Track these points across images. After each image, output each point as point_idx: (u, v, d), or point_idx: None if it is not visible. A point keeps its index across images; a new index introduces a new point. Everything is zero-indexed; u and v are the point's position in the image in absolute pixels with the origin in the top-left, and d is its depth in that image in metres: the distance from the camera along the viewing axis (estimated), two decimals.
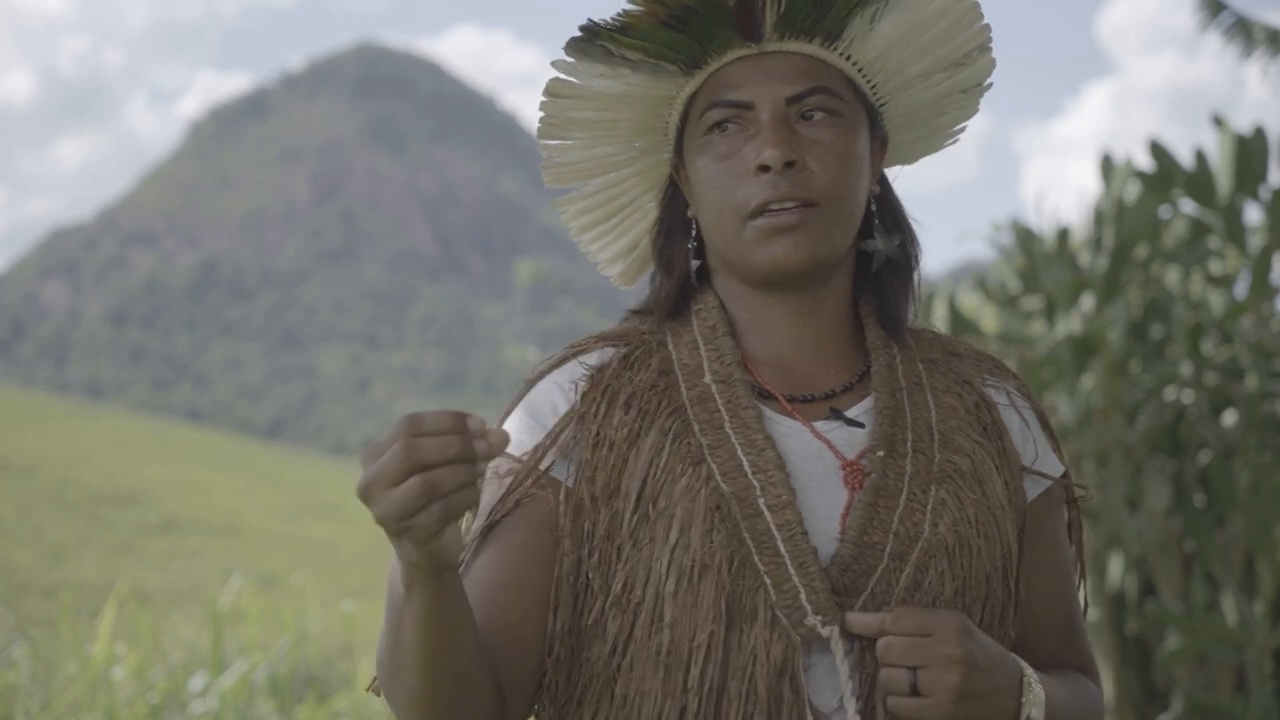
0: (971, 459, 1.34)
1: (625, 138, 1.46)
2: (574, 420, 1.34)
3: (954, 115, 1.47)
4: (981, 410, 1.39)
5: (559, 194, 1.52)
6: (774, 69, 1.36)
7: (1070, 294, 4.26)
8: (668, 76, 1.40)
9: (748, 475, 1.30)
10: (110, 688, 5.05)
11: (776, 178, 1.33)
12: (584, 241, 1.54)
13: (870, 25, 1.37)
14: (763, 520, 1.28)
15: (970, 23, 1.40)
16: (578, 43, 1.38)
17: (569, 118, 1.44)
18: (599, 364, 1.38)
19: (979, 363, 1.44)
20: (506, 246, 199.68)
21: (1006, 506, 1.34)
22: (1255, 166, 4.20)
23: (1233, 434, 4.04)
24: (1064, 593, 1.42)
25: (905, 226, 1.45)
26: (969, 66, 1.42)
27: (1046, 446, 1.43)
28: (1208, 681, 4.00)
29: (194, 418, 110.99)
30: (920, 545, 1.29)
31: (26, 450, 14.93)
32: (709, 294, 1.42)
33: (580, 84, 1.41)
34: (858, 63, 1.39)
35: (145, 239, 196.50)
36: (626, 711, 1.28)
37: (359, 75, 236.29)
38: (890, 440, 1.33)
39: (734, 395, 1.34)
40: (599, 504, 1.30)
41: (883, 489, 1.31)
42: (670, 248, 1.44)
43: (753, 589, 1.26)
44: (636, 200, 1.50)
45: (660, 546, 1.27)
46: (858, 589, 1.27)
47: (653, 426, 1.33)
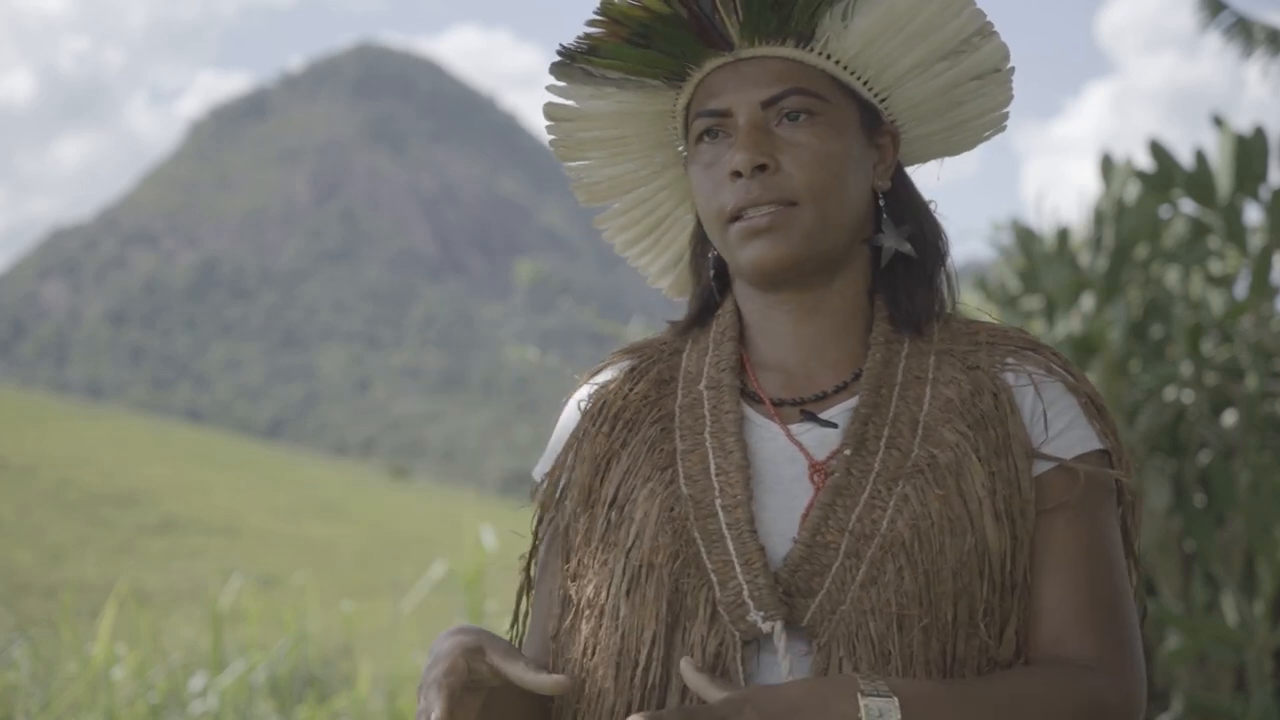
0: (954, 451, 1.31)
1: (642, 153, 1.48)
2: (576, 443, 1.40)
3: (977, 104, 1.45)
4: (982, 398, 1.34)
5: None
6: (749, 75, 1.36)
7: (1070, 294, 4.26)
8: (656, 91, 1.42)
9: (711, 478, 1.32)
10: (110, 688, 5.05)
11: (749, 182, 1.34)
12: (631, 256, 1.57)
13: (844, 23, 1.36)
14: (716, 520, 1.30)
15: (957, 10, 1.38)
16: (560, 67, 1.41)
17: (578, 139, 1.47)
18: (608, 379, 1.43)
19: (998, 346, 1.39)
20: (506, 246, 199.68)
21: (986, 499, 1.29)
22: (1255, 166, 4.20)
23: (1233, 434, 4.04)
24: (1079, 576, 1.31)
25: (925, 220, 1.44)
26: (972, 54, 1.41)
27: (1074, 423, 1.35)
28: (1208, 681, 4.00)
29: (194, 418, 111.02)
30: (876, 542, 1.28)
31: (26, 450, 14.93)
32: (728, 300, 1.44)
33: (576, 106, 1.44)
34: (840, 60, 1.38)
35: (145, 239, 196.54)
36: (589, 711, 1.32)
37: (359, 75, 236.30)
38: (860, 438, 1.32)
39: (720, 400, 1.37)
40: (579, 514, 1.36)
41: (843, 488, 1.30)
42: (699, 257, 1.47)
43: (697, 587, 1.28)
44: (673, 213, 1.53)
45: (620, 550, 1.32)
46: (812, 589, 1.27)
47: (635, 436, 1.37)
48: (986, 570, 1.29)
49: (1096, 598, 1.31)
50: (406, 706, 5.55)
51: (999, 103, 1.45)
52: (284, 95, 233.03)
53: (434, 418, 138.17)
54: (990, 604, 1.29)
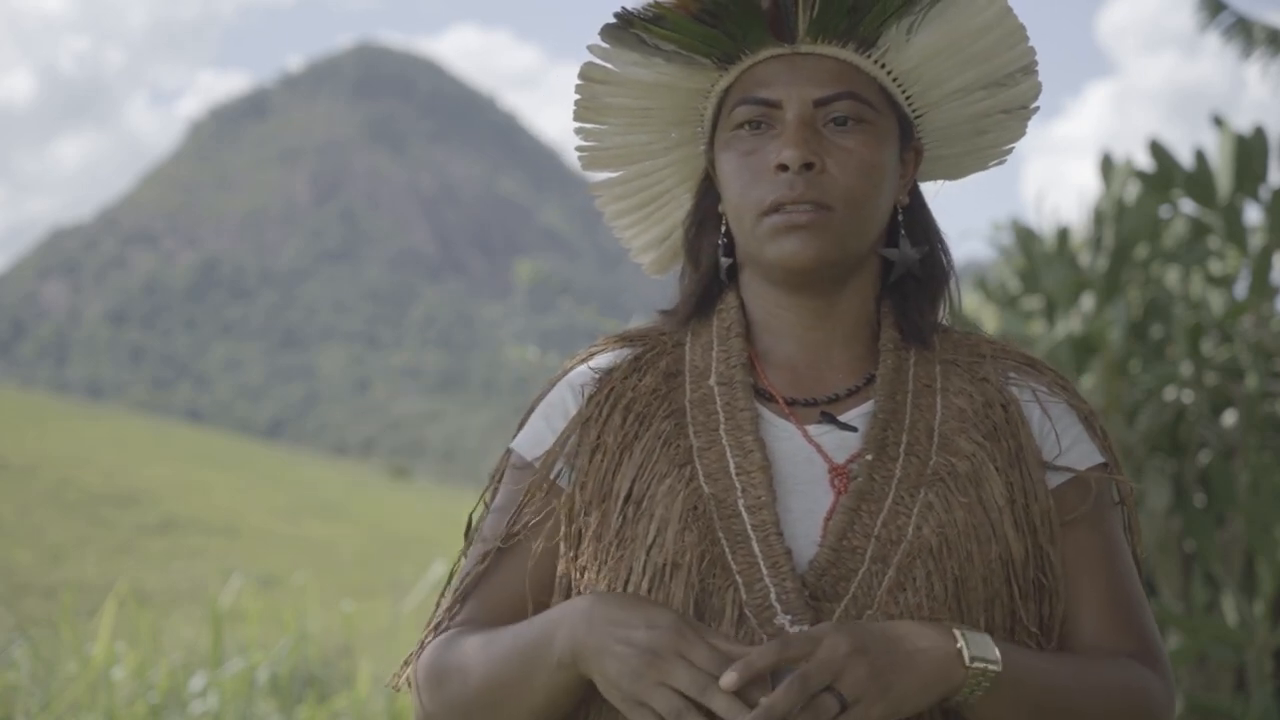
0: (971, 461, 1.33)
1: (660, 127, 1.47)
2: (579, 426, 1.37)
3: (996, 136, 1.47)
4: (994, 410, 1.37)
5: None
6: (805, 70, 1.36)
7: (1070, 294, 4.25)
8: (701, 69, 1.41)
9: (731, 477, 1.32)
10: (110, 688, 5.05)
11: (794, 178, 1.33)
12: (617, 228, 1.55)
13: (907, 36, 1.37)
14: (740, 520, 1.30)
15: (1014, 43, 1.40)
16: (612, 29, 1.39)
17: (604, 103, 1.45)
18: (609, 366, 1.41)
19: (1002, 360, 1.42)
20: (506, 246, 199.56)
21: (1005, 508, 1.32)
22: (1255, 166, 4.20)
23: (1233, 434, 4.04)
24: (1108, 578, 1.36)
25: (935, 239, 1.45)
26: (1011, 88, 1.42)
27: (1079, 439, 1.39)
28: (1208, 681, 4.00)
29: (194, 418, 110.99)
30: (903, 548, 1.29)
31: (26, 450, 14.92)
32: (731, 294, 1.43)
33: (614, 69, 1.42)
34: (893, 72, 1.39)
35: (145, 239, 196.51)
36: (607, 707, 1.29)
37: (359, 75, 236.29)
38: (881, 444, 1.33)
39: (733, 397, 1.36)
40: (591, 507, 1.34)
41: (867, 493, 1.31)
42: (699, 241, 1.46)
43: (723, 588, 1.28)
44: (671, 190, 1.51)
45: (639, 546, 1.30)
46: (838, 593, 1.28)
47: (648, 430, 1.35)
48: (1012, 578, 1.32)
49: (1125, 597, 1.37)
50: (406, 706, 5.55)
51: (1014, 137, 1.48)
52: (284, 95, 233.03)
53: (434, 418, 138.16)
54: (1020, 610, 1.32)
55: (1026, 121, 1.46)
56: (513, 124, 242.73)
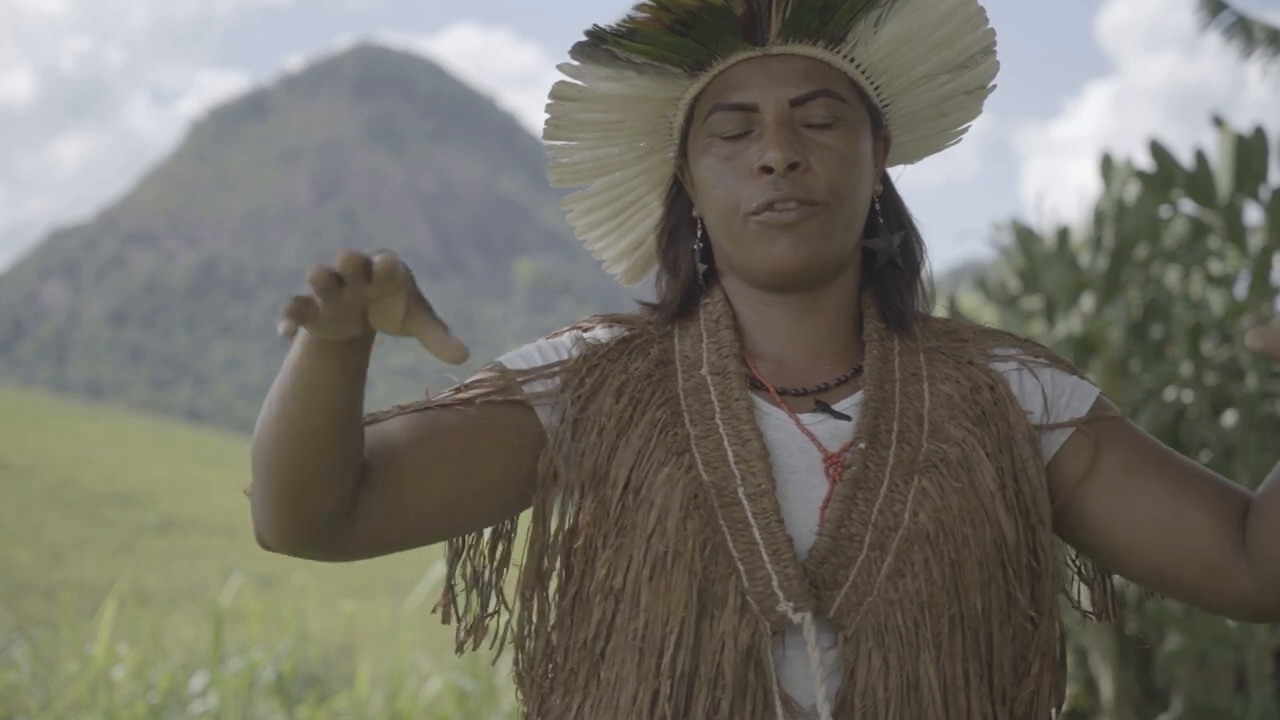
0: (961, 447, 1.34)
1: (630, 138, 1.47)
2: (566, 370, 1.37)
3: (957, 116, 1.49)
4: (981, 394, 1.38)
5: (560, 193, 1.54)
6: (778, 71, 1.37)
7: (1070, 294, 4.26)
8: (673, 78, 1.41)
9: (730, 465, 1.32)
10: (110, 688, 5.05)
11: (779, 179, 1.34)
12: (589, 240, 1.55)
13: (874, 28, 1.38)
14: (740, 509, 1.31)
15: (975, 26, 1.41)
16: (583, 47, 1.39)
17: (575, 119, 1.45)
18: (603, 341, 1.41)
19: (981, 341, 1.43)
20: (506, 246, 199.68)
21: (997, 493, 1.33)
22: (1255, 166, 4.20)
23: (1233, 434, 4.04)
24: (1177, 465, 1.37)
25: (908, 224, 1.46)
26: (972, 69, 1.44)
27: (1074, 386, 1.40)
28: (1208, 681, 4.00)
29: (194, 418, 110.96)
30: (900, 534, 1.30)
31: (26, 450, 14.92)
32: (716, 290, 1.43)
33: (586, 86, 1.42)
34: (861, 65, 1.40)
35: (145, 239, 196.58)
36: (607, 696, 1.31)
37: (358, 75, 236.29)
38: (873, 432, 1.34)
39: (728, 386, 1.37)
40: (586, 489, 1.34)
41: (862, 481, 1.32)
42: (675, 248, 1.46)
43: (725, 575, 1.29)
44: (642, 199, 1.51)
45: (639, 534, 1.30)
46: (838, 581, 1.29)
47: (643, 417, 1.35)
48: (1007, 560, 1.33)
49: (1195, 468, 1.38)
50: (407, 707, 5.55)
51: (971, 116, 1.50)
52: (283, 95, 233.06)
53: None
54: (1015, 592, 1.33)
55: (984, 100, 1.48)
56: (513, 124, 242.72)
